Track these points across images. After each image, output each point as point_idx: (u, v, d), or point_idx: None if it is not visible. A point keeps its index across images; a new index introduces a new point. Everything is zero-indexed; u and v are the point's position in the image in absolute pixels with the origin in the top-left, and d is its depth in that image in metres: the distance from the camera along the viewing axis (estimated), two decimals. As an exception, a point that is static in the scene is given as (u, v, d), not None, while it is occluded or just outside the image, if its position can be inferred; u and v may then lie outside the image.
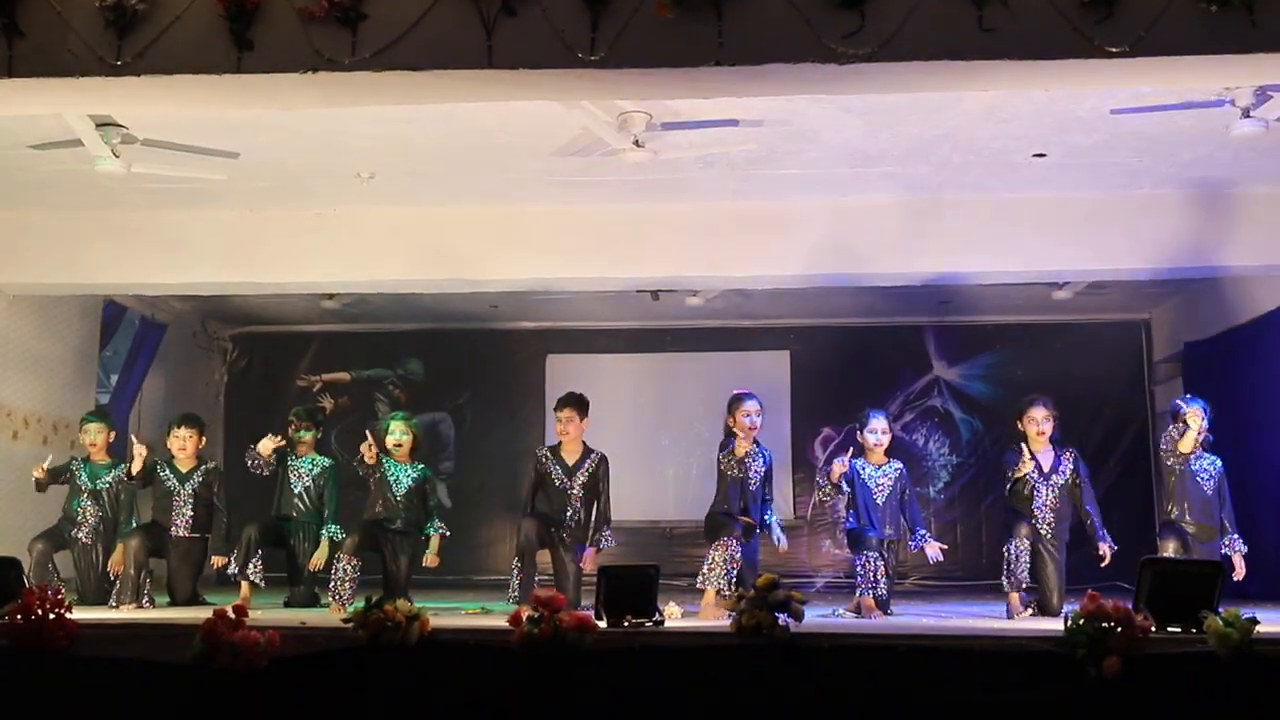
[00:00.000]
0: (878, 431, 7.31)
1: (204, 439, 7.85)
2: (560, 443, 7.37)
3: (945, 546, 7.34)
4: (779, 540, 7.17)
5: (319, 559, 7.35)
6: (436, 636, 4.79)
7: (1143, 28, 4.29)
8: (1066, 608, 6.36)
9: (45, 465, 7.67)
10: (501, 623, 4.78)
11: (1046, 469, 7.20)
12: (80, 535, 7.69)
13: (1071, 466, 7.22)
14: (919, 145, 6.63)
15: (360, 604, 4.77)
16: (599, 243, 7.78)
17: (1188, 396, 7.33)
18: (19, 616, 4.69)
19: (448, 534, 7.52)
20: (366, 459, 7.20)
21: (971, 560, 10.72)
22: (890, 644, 4.72)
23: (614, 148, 6.35)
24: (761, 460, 7.27)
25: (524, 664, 4.61)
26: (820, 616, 6.80)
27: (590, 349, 11.67)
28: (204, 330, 11.62)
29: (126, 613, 6.79)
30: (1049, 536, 7.10)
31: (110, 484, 7.81)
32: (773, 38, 4.38)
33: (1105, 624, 4.43)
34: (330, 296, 10.25)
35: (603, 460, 7.37)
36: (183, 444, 7.62)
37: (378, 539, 7.20)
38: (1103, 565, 7.02)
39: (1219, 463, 7.15)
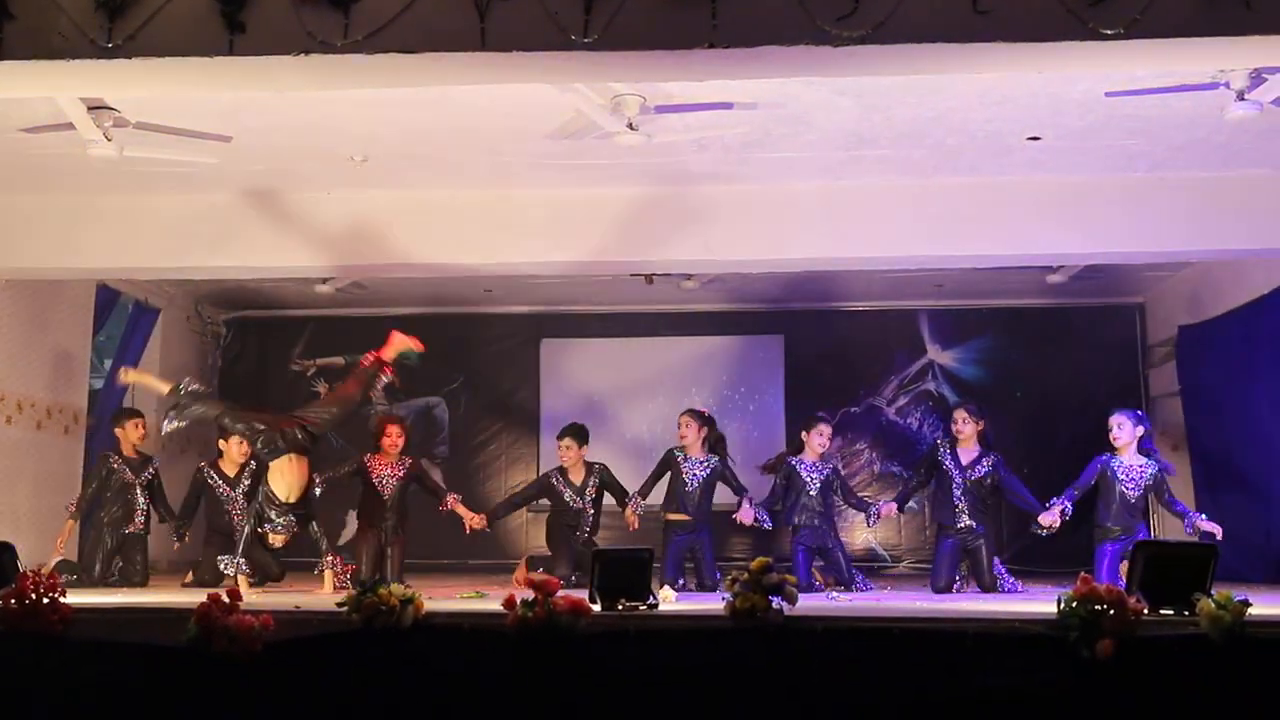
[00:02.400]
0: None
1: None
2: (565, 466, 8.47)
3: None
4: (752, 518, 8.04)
5: None
6: (431, 620, 4.80)
7: (1138, 10, 4.27)
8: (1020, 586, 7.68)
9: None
10: (496, 606, 4.79)
11: (965, 464, 7.88)
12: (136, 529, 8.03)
13: (989, 467, 7.84)
14: (913, 128, 6.62)
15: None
16: (593, 226, 7.75)
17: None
18: (13, 601, 4.69)
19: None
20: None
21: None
22: (884, 627, 4.74)
23: (608, 131, 6.33)
24: (704, 466, 8.19)
25: (518, 647, 4.62)
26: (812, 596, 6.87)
27: (584, 333, 11.69)
28: (198, 315, 11.61)
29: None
30: (964, 528, 7.74)
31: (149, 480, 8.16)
32: (766, 20, 4.37)
33: (1098, 606, 4.45)
34: (325, 281, 10.24)
35: (604, 469, 8.51)
36: (246, 448, 7.98)
37: None
38: (1045, 534, 7.54)
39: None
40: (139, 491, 8.07)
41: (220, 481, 8.23)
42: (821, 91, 6.04)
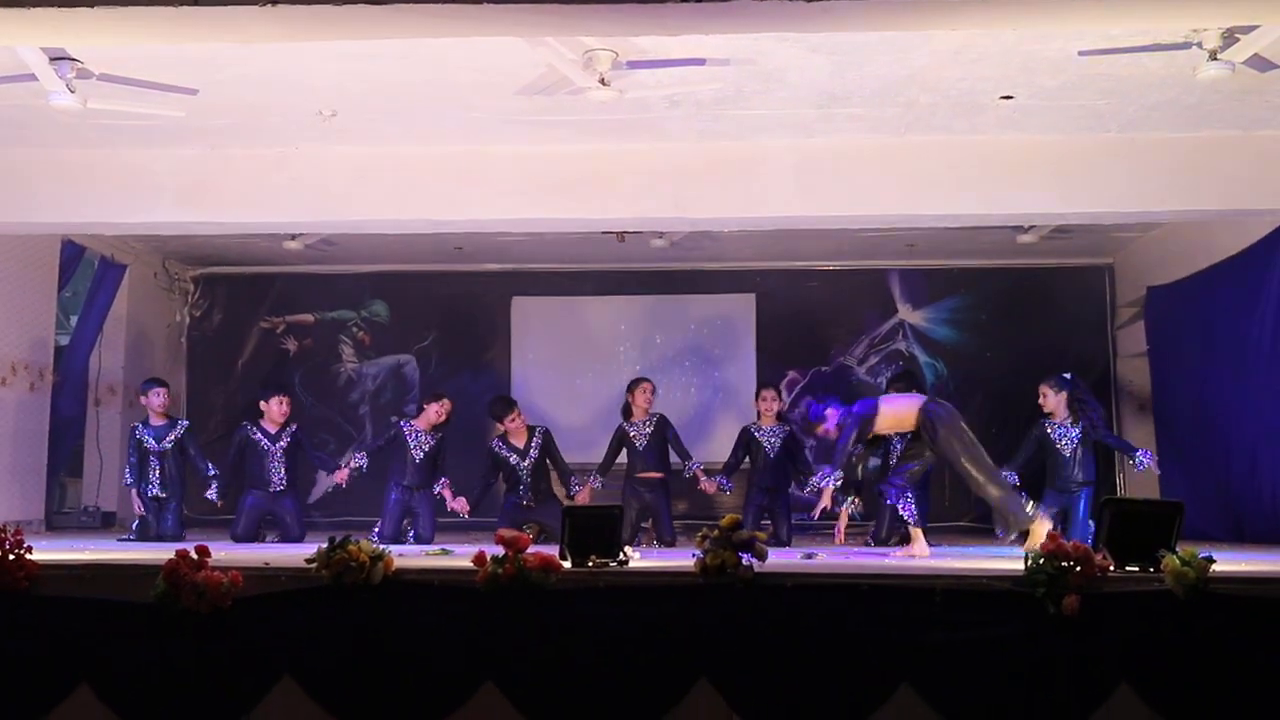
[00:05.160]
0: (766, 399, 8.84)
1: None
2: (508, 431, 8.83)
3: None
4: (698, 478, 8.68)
5: None
6: (400, 576, 4.80)
7: (1112, -33, 4.26)
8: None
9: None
10: (466, 563, 4.79)
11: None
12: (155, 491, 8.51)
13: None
14: (886, 86, 6.59)
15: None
16: (564, 183, 7.70)
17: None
18: (-22, 557, 4.67)
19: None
20: None
21: (933, 502, 10.80)
22: (853, 583, 4.77)
23: (579, 86, 6.27)
24: (649, 424, 8.67)
25: (488, 603, 4.63)
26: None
27: (555, 291, 11.65)
28: (165, 271, 11.48)
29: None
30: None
31: (173, 444, 8.65)
32: (740, -26, 4.32)
33: (1064, 563, 4.50)
34: (293, 237, 10.16)
35: (545, 431, 8.86)
36: (285, 409, 8.70)
37: None
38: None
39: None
40: (157, 460, 8.55)
41: (263, 437, 8.64)
42: (794, 48, 6.00)
